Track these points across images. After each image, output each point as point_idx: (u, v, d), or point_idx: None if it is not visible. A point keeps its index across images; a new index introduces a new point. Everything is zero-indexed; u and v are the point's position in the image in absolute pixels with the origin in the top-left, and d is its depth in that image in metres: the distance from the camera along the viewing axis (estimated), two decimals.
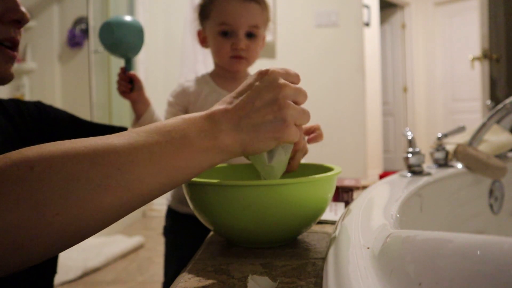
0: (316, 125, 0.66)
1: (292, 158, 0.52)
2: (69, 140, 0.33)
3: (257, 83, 0.41)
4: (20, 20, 0.49)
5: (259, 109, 0.39)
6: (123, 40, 0.82)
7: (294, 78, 0.43)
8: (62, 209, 0.30)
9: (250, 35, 0.90)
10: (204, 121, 0.39)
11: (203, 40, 0.98)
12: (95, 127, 0.74)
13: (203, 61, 3.06)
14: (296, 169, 0.53)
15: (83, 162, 0.31)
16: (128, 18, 0.84)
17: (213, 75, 0.98)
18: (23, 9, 0.49)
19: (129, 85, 0.87)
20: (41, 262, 0.32)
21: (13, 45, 0.50)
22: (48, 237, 0.30)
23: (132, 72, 0.86)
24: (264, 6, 0.92)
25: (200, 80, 0.97)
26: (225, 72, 0.96)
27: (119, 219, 0.35)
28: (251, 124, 0.39)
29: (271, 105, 0.40)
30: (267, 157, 0.44)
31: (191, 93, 0.95)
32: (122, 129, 0.74)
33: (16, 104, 0.65)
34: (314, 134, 0.64)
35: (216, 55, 0.94)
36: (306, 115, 0.42)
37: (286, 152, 0.45)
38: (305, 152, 0.57)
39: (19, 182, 0.29)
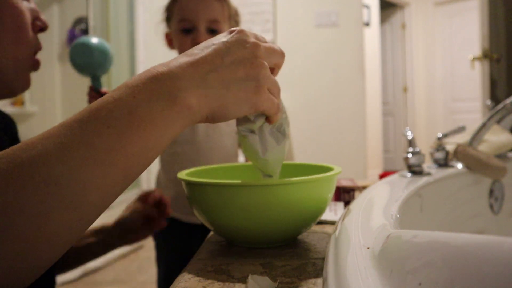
0: None
1: None
2: None
3: (226, 39, 0.35)
4: (44, 28, 0.50)
5: (229, 65, 0.34)
6: (94, 61, 0.86)
7: (265, 40, 0.38)
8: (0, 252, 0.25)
9: (212, 31, 0.91)
10: (156, 81, 0.30)
11: (170, 42, 1.00)
12: None
13: None
14: None
15: (8, 189, 0.25)
16: (95, 40, 0.88)
17: None
18: (43, 17, 0.51)
19: (96, 95, 0.90)
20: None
21: (36, 51, 0.52)
22: None
23: (104, 89, 0.90)
24: (223, 2, 0.93)
25: None
26: None
27: (78, 237, 0.29)
28: (220, 78, 0.33)
29: (243, 61, 0.34)
30: (260, 150, 0.42)
31: None
32: None
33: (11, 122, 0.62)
34: None
35: (180, 52, 0.95)
36: (278, 86, 0.38)
37: (278, 141, 0.43)
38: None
39: None
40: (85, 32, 3.09)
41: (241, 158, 1.13)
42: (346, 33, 3.09)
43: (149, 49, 3.26)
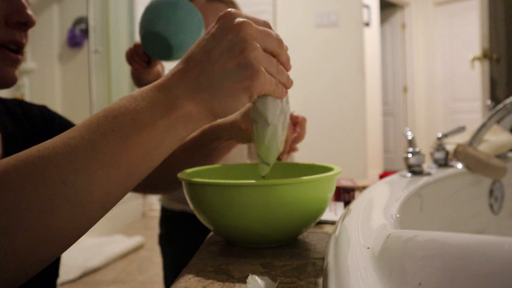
0: (301, 117, 0.59)
1: None
2: (2, 161, 0.29)
3: (213, 30, 0.34)
4: (26, 23, 0.47)
5: (217, 59, 0.33)
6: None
7: (260, 22, 0.36)
8: (10, 248, 0.27)
9: None
10: (155, 92, 0.32)
11: None
12: None
13: None
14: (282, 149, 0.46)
15: (22, 188, 0.27)
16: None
17: None
18: (29, 11, 0.47)
19: (146, 58, 0.77)
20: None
21: (18, 48, 0.48)
22: (2, 278, 0.27)
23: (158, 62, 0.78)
24: (230, 6, 0.92)
25: None
26: None
27: (82, 235, 0.31)
28: (209, 78, 0.33)
29: (230, 50, 0.33)
30: (266, 137, 0.42)
31: None
32: None
33: (19, 105, 0.62)
34: (295, 135, 0.59)
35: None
36: (279, 68, 0.36)
37: (284, 129, 0.43)
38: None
39: None
40: (85, 32, 3.10)
41: (242, 158, 1.13)
42: (346, 33, 3.09)
43: None
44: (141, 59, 0.77)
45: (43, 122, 0.62)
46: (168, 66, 0.60)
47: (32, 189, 0.28)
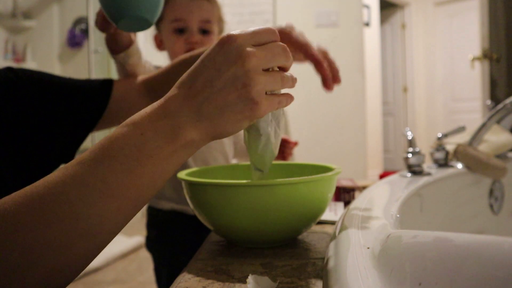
0: (292, 143, 0.61)
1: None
2: (12, 200, 0.29)
3: (217, 58, 0.34)
4: None
5: (220, 90, 0.33)
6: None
7: (266, 36, 0.35)
8: (26, 284, 0.28)
9: (204, 32, 0.93)
10: (160, 119, 0.33)
11: (159, 44, 1.00)
12: (77, 83, 0.64)
13: None
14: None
15: (35, 228, 0.28)
16: None
17: None
18: None
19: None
20: None
21: None
22: None
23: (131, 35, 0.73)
24: (213, 3, 0.96)
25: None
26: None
27: (94, 259, 0.32)
28: (212, 108, 0.33)
29: (233, 82, 0.33)
30: (260, 145, 0.41)
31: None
32: (105, 82, 0.66)
33: None
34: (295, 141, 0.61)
35: (171, 52, 0.95)
36: (284, 81, 0.36)
37: (277, 137, 0.42)
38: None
39: None
40: (85, 32, 3.10)
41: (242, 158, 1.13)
42: (346, 33, 3.09)
43: (149, 49, 3.26)
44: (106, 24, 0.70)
45: (13, 82, 0.57)
46: None
47: (46, 227, 0.28)
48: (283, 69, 0.38)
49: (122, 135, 0.32)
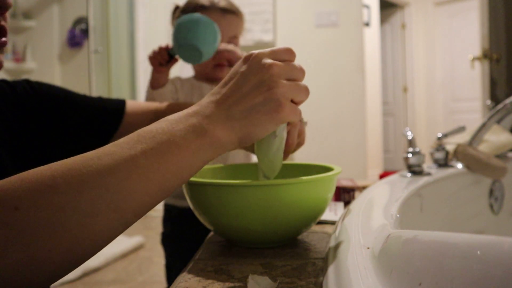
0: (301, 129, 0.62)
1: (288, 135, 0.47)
2: (49, 167, 0.31)
3: (242, 69, 0.39)
4: (1, 6, 0.45)
5: (247, 93, 0.37)
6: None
7: (284, 55, 0.40)
8: (53, 246, 0.29)
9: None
10: (190, 117, 0.37)
11: None
12: (91, 101, 0.69)
13: None
14: (293, 147, 0.47)
15: (68, 192, 0.30)
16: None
17: (196, 78, 1.03)
18: None
19: (167, 58, 0.87)
20: None
21: (0, 31, 0.47)
22: (42, 274, 0.29)
23: (176, 56, 0.88)
24: (241, 17, 0.98)
25: (184, 79, 1.02)
26: (206, 79, 1.01)
27: (114, 238, 0.34)
28: (240, 110, 0.37)
29: (258, 87, 0.37)
30: (271, 150, 0.43)
31: (180, 80, 1.01)
32: (119, 102, 0.71)
33: (4, 83, 0.60)
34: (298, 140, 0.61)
35: (197, 66, 0.99)
36: (303, 90, 0.40)
37: (283, 144, 0.43)
38: (301, 139, 0.56)
39: (5, 226, 0.28)
40: (85, 32, 3.10)
41: (241, 158, 1.13)
42: (346, 33, 3.09)
43: (149, 49, 3.26)
44: (163, 58, 0.87)
45: (29, 95, 0.61)
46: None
47: (77, 192, 0.30)
48: None
49: (155, 127, 0.36)
